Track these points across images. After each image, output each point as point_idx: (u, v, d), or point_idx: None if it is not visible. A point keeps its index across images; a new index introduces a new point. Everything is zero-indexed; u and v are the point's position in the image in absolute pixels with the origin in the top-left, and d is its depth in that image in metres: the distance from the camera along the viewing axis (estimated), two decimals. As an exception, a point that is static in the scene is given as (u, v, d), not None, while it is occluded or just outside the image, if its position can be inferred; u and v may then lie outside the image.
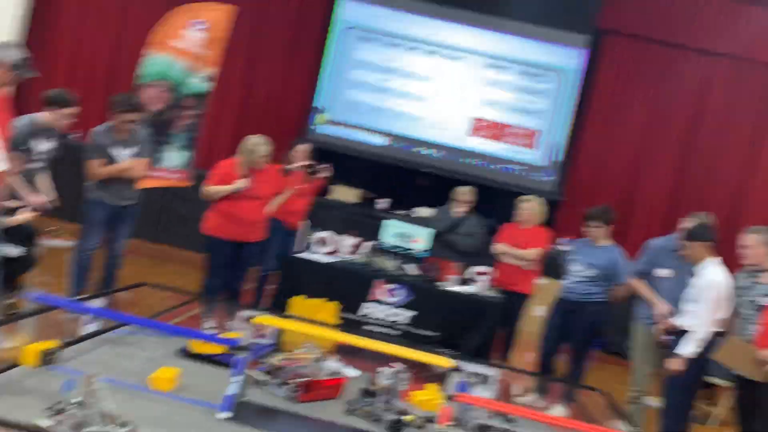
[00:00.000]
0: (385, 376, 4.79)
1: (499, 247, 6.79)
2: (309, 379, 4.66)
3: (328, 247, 6.84)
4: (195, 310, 6.50)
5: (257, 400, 4.42)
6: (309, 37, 10.99)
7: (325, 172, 6.98)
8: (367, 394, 4.64)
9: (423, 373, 5.32)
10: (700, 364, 4.94)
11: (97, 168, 5.92)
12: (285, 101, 11.02)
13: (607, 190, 10.70)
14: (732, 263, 5.23)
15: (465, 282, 6.73)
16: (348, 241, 6.76)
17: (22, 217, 5.24)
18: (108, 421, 3.42)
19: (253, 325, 4.96)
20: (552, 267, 8.19)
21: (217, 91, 10.54)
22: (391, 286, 6.36)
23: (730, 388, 5.66)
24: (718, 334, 4.93)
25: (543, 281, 7.31)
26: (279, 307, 6.26)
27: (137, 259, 8.23)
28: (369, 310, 6.37)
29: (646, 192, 10.71)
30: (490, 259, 7.06)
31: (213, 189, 6.07)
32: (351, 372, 5.03)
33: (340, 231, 9.21)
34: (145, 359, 4.80)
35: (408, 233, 6.71)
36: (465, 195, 7.00)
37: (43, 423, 3.30)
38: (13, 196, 5.26)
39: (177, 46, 7.12)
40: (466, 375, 5.03)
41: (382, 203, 10.15)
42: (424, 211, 9.27)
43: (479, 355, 6.18)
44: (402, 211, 10.01)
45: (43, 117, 5.56)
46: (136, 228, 6.52)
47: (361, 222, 9.43)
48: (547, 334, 6.25)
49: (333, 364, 4.98)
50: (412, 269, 6.75)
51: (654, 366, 5.74)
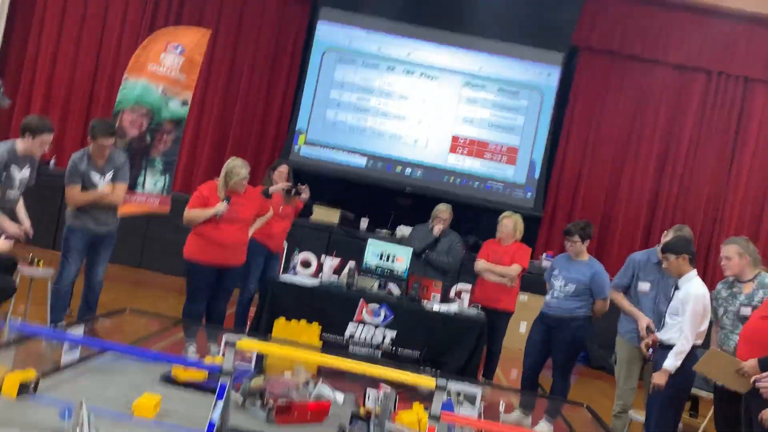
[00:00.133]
0: (372, 399, 4.77)
1: (480, 264, 6.81)
2: (287, 401, 4.63)
3: (309, 269, 6.80)
4: (177, 336, 6.45)
5: (239, 423, 4.38)
6: (288, 60, 11.05)
7: (305, 193, 6.97)
8: (358, 418, 4.61)
9: (408, 394, 5.30)
10: (684, 377, 4.95)
11: (75, 194, 5.87)
12: (264, 123, 11.04)
13: (587, 206, 10.80)
14: (710, 274, 5.27)
15: (447, 300, 6.73)
16: (330, 262, 6.72)
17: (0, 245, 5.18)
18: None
19: (235, 349, 4.92)
20: (533, 283, 8.24)
21: (196, 114, 10.65)
22: (374, 307, 6.35)
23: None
24: (699, 346, 4.94)
25: (524, 297, 7.32)
26: (261, 331, 6.23)
27: (118, 285, 8.19)
28: (353, 331, 6.35)
29: (626, 206, 10.80)
30: (470, 276, 7.06)
31: (193, 213, 6.04)
32: (338, 396, 5.00)
33: (322, 252, 9.21)
34: (127, 386, 4.76)
35: (390, 253, 6.71)
36: (443, 213, 7.02)
37: None
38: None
39: (155, 70, 7.12)
40: (451, 394, 5.01)
41: (364, 223, 10.16)
42: (407, 231, 9.29)
43: (464, 373, 6.18)
44: (384, 231, 10.03)
45: (21, 144, 5.51)
46: (117, 254, 6.48)
47: (343, 243, 9.44)
48: (530, 351, 6.24)
49: (321, 389, 4.95)
50: (394, 289, 6.75)
51: (638, 380, 5.76)
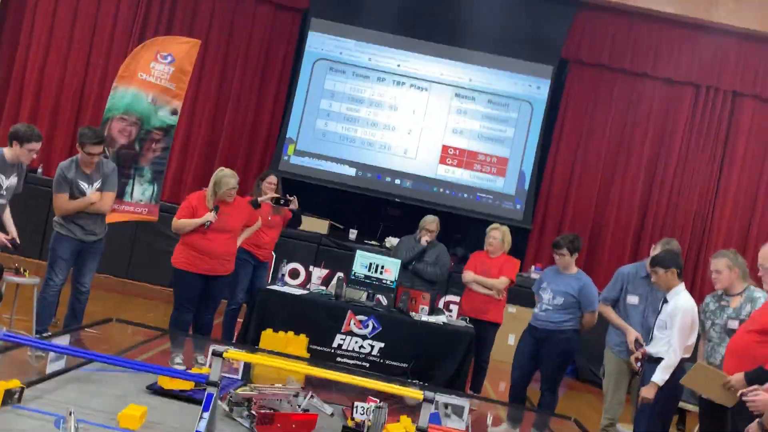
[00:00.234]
0: (360, 412, 4.75)
1: (467, 275, 6.80)
2: (271, 411, 4.60)
3: (298, 279, 6.78)
4: (164, 346, 6.42)
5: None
6: (278, 69, 11.04)
7: (293, 204, 6.96)
8: (349, 430, 4.58)
9: (395, 406, 5.28)
10: (672, 390, 4.95)
11: (63, 202, 5.84)
12: (254, 133, 11.01)
13: (576, 218, 10.82)
14: (698, 287, 5.27)
15: (436, 312, 6.72)
16: (318, 272, 6.69)
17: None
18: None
19: (222, 359, 4.89)
20: (522, 295, 8.24)
21: (186, 123, 10.62)
22: (362, 318, 6.34)
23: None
24: (687, 359, 4.95)
25: (513, 310, 7.31)
26: (249, 341, 6.20)
27: (105, 294, 8.15)
28: (341, 342, 6.33)
29: (615, 219, 10.82)
30: (459, 288, 7.04)
31: (182, 222, 6.02)
32: (327, 409, 4.97)
33: (310, 263, 9.20)
34: (113, 396, 4.73)
35: (378, 264, 6.70)
36: (430, 224, 7.01)
37: None
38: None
39: (145, 79, 7.11)
40: (439, 406, 4.99)
41: (353, 234, 10.15)
42: (395, 242, 9.27)
43: (452, 385, 6.15)
44: (373, 242, 10.02)
45: (9, 152, 5.49)
46: (104, 263, 6.45)
47: (332, 253, 9.43)
48: (518, 363, 6.23)
49: (311, 401, 4.92)
50: (383, 300, 6.73)
51: (626, 393, 5.76)
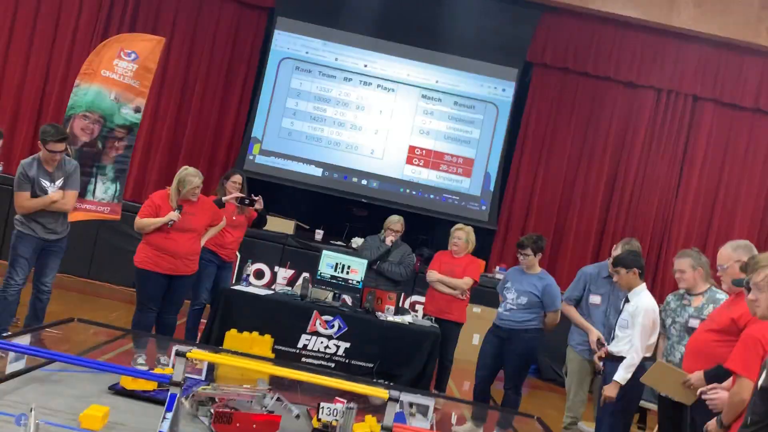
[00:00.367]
0: (326, 412, 4.74)
1: (431, 274, 6.83)
2: (229, 410, 4.58)
3: (263, 280, 6.75)
4: (126, 346, 6.35)
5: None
6: (244, 68, 10.99)
7: (258, 203, 6.92)
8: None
9: (361, 406, 5.28)
10: (634, 389, 5.01)
11: (24, 200, 5.75)
12: (219, 132, 10.95)
13: (540, 219, 10.92)
14: (659, 287, 5.34)
15: (401, 312, 6.74)
16: (283, 273, 6.66)
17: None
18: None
19: (186, 359, 4.86)
20: (486, 295, 8.30)
21: (149, 121, 10.52)
22: (328, 318, 6.33)
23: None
24: (648, 358, 5.01)
25: (478, 309, 7.35)
26: (212, 342, 6.16)
27: (66, 294, 8.04)
28: (307, 342, 6.32)
29: (577, 220, 10.94)
30: (424, 288, 7.07)
31: (145, 221, 5.96)
32: (293, 410, 4.94)
33: (276, 263, 9.16)
34: (74, 397, 4.67)
35: (345, 264, 6.70)
36: (395, 224, 7.03)
37: None
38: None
39: (108, 76, 7.04)
40: (404, 405, 5.00)
41: (319, 234, 10.13)
42: (362, 242, 9.28)
43: (417, 385, 6.18)
44: (339, 242, 10.01)
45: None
46: (66, 262, 6.36)
47: (297, 254, 9.40)
48: (482, 362, 6.27)
49: (277, 403, 4.89)
50: (349, 300, 6.73)
51: (588, 392, 5.82)
